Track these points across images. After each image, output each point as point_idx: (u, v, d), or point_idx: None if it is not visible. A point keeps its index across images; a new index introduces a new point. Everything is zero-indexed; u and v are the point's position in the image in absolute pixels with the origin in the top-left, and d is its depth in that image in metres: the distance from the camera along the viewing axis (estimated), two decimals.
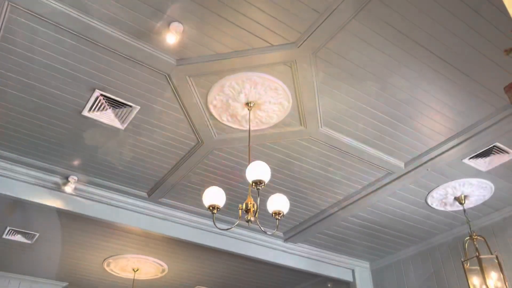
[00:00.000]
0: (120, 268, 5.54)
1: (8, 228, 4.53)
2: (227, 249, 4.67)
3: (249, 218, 2.71)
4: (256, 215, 2.74)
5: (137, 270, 5.55)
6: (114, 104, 3.10)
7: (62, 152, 3.59)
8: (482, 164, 3.65)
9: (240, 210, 2.72)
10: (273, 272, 5.76)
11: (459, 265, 4.45)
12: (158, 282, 6.04)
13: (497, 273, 3.64)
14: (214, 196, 2.73)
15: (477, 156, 3.56)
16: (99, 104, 3.09)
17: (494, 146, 3.43)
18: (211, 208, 2.72)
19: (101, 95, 3.02)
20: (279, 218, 2.77)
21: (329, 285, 6.33)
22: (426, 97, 3.04)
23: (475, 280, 3.68)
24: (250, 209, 2.71)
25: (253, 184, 2.65)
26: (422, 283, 4.83)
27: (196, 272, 5.72)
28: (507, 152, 3.50)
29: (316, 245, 5.14)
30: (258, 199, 2.70)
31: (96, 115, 3.19)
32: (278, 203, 2.77)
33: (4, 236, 4.68)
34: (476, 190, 3.94)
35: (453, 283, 4.51)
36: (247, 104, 3.08)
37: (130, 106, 3.13)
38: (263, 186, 2.67)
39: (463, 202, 4.02)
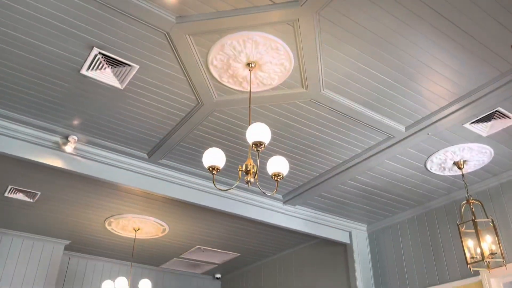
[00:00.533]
0: (121, 227, 5.64)
1: (9, 187, 4.58)
2: (227, 210, 4.73)
3: (248, 180, 2.72)
4: (256, 177, 2.75)
5: (138, 229, 5.65)
6: (113, 63, 3.05)
7: (61, 111, 3.57)
8: (483, 129, 3.63)
9: (239, 172, 2.74)
10: (272, 233, 5.87)
11: (454, 228, 4.53)
12: (159, 242, 6.16)
13: (492, 236, 3.71)
14: (214, 157, 2.74)
15: (478, 121, 3.54)
16: (98, 63, 3.04)
17: (496, 111, 3.41)
18: (211, 169, 2.73)
19: (100, 53, 2.96)
20: (278, 180, 2.78)
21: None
22: (430, 59, 2.98)
23: (469, 242, 3.75)
24: (249, 170, 2.72)
25: (253, 145, 2.65)
26: (418, 245, 4.93)
27: (196, 232, 5.83)
28: (509, 117, 3.48)
29: (314, 208, 5.21)
30: (258, 160, 2.70)
31: (94, 74, 3.15)
32: (278, 165, 2.78)
33: (6, 194, 4.73)
34: (476, 155, 3.95)
35: (448, 246, 4.60)
36: (248, 64, 3.03)
37: (129, 65, 3.08)
38: (263, 148, 2.67)
39: (462, 167, 4.04)
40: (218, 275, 7.71)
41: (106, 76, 3.17)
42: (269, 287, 6.67)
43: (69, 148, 3.80)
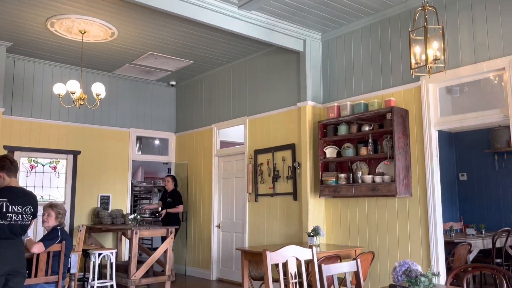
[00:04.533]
0: (66, 29, 5.30)
1: None
2: (178, 13, 4.49)
3: None
4: None
5: (85, 32, 5.35)
6: None
7: None
8: None
9: None
10: (226, 41, 5.77)
11: (405, 37, 4.62)
12: (109, 46, 5.95)
13: (439, 43, 3.82)
14: None
15: None
16: None
17: None
18: None
19: None
20: None
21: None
22: None
23: (417, 49, 3.86)
24: None
25: None
26: (368, 54, 5.07)
27: (148, 37, 5.63)
28: None
29: (271, 14, 5.04)
30: None
31: None
32: None
33: None
34: None
35: (396, 54, 4.77)
36: None
37: None
38: None
39: None
40: (173, 82, 7.81)
41: None
42: (223, 94, 6.91)
43: None
